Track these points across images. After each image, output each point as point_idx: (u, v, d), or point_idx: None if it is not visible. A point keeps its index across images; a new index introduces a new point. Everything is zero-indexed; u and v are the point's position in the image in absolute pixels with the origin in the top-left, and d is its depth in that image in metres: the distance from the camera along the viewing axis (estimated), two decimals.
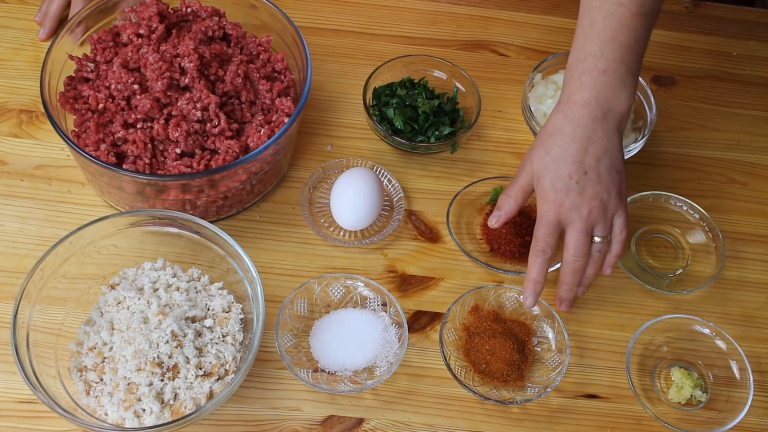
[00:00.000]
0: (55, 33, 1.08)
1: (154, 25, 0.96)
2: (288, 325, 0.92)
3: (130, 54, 0.95)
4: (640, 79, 1.02)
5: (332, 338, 0.91)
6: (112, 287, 0.90)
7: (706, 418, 0.91)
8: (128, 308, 0.87)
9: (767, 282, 1.02)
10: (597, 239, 0.90)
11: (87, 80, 0.97)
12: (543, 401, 0.91)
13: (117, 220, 0.88)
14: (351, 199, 0.97)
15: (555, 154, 0.89)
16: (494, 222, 0.95)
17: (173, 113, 0.92)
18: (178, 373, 0.83)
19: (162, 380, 0.83)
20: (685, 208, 1.05)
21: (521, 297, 0.93)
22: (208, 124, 0.93)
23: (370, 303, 0.94)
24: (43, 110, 0.98)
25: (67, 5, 1.12)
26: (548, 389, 0.89)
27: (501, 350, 0.90)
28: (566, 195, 0.88)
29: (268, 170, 0.96)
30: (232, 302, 0.90)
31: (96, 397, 0.84)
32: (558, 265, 0.97)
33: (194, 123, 0.93)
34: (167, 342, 0.83)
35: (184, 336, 0.84)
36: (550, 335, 0.94)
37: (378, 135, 1.07)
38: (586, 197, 0.88)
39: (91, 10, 1.00)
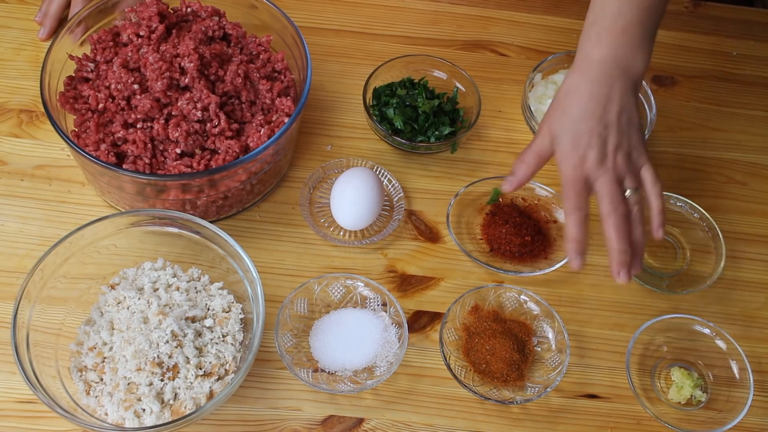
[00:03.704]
0: (55, 33, 1.08)
1: (154, 25, 0.96)
2: (288, 325, 0.92)
3: (130, 54, 0.95)
4: None
5: (332, 338, 0.91)
6: (112, 287, 0.90)
7: (706, 418, 0.91)
8: (128, 308, 0.87)
9: (767, 282, 1.02)
10: (629, 191, 0.86)
11: (87, 80, 0.97)
12: (543, 401, 0.91)
13: (117, 220, 0.88)
14: (351, 199, 0.97)
15: (573, 114, 0.86)
16: (507, 186, 0.91)
17: (173, 113, 0.92)
18: (178, 373, 0.83)
19: (162, 380, 0.83)
20: (685, 208, 1.05)
21: (567, 260, 0.86)
22: (208, 124, 0.93)
23: (370, 303, 0.94)
24: (43, 110, 0.98)
25: (67, 5, 1.12)
26: (548, 389, 0.89)
27: (501, 350, 0.90)
28: (589, 150, 0.85)
29: (268, 170, 0.96)
30: (232, 302, 0.90)
31: (96, 397, 0.84)
32: (562, 263, 0.97)
33: (194, 123, 0.93)
34: (167, 342, 0.83)
35: (184, 336, 0.85)
36: (550, 335, 0.94)
37: (378, 135, 1.07)
38: (611, 149, 0.85)
39: (91, 10, 1.00)
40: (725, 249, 1.01)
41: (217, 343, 0.86)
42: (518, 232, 1.00)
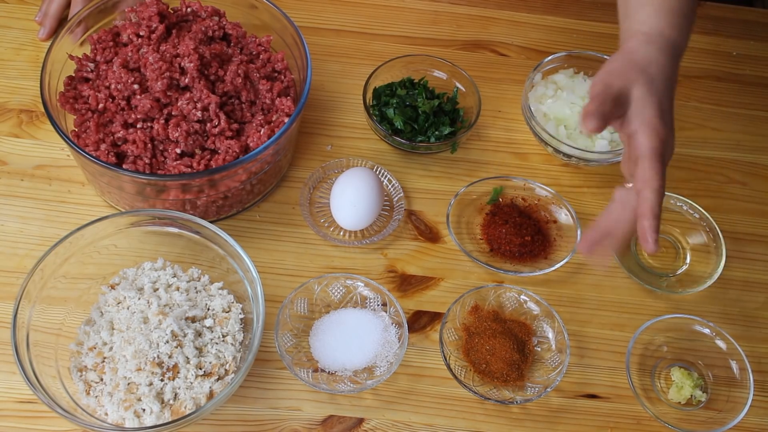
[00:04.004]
0: (55, 33, 1.08)
1: (154, 25, 0.96)
2: (288, 325, 0.92)
3: (130, 54, 0.95)
4: None
5: (332, 338, 0.91)
6: (112, 287, 0.90)
7: (706, 418, 0.91)
8: (128, 308, 0.87)
9: (767, 282, 1.02)
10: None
11: (87, 80, 0.97)
12: (543, 401, 0.91)
13: (117, 220, 0.88)
14: (351, 199, 0.97)
15: (660, 85, 0.80)
16: (591, 123, 0.76)
17: (173, 113, 0.92)
18: (178, 373, 0.83)
19: (162, 380, 0.83)
20: (685, 208, 1.05)
21: (644, 241, 0.76)
22: (208, 124, 0.93)
23: (370, 303, 0.94)
24: (43, 110, 0.98)
25: (67, 5, 1.12)
26: (548, 389, 0.89)
27: (501, 350, 0.90)
28: (670, 134, 0.79)
29: (268, 170, 0.96)
30: (232, 302, 0.90)
31: (96, 397, 0.84)
32: (562, 263, 0.97)
33: (194, 123, 0.93)
34: (167, 342, 0.83)
35: (184, 336, 0.84)
36: (550, 335, 0.94)
37: (378, 135, 1.07)
38: (674, 140, 0.80)
39: (91, 10, 1.00)
40: (725, 249, 1.01)
41: (217, 343, 0.86)
42: (518, 232, 1.00)
